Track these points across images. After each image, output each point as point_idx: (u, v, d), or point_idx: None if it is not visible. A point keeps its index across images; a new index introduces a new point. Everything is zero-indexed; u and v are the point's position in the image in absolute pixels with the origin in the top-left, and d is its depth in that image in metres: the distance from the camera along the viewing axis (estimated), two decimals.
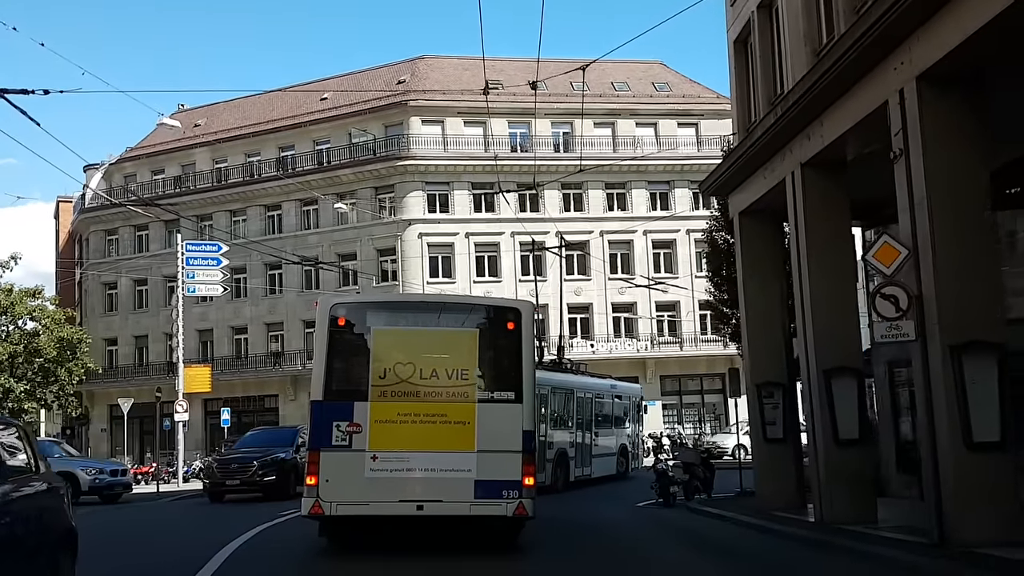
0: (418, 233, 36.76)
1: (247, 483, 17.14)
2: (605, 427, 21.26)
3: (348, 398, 8.48)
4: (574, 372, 20.75)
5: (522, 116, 38.90)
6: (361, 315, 9.05)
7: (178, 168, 42.86)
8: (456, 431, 8.37)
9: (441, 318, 9.14)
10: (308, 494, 8.34)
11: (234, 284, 40.60)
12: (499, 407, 8.46)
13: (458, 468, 8.29)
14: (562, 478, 18.29)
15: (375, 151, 37.57)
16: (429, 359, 8.56)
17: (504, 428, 8.38)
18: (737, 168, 12.22)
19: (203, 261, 22.97)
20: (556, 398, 18.76)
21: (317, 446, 8.44)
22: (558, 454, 18.24)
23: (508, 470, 8.27)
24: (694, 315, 38.57)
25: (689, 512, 14.64)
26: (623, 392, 23.24)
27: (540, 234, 37.77)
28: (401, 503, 8.26)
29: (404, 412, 8.41)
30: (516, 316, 8.79)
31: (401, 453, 8.34)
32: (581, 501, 16.49)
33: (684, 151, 39.49)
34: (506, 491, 8.24)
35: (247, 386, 39.54)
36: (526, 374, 8.64)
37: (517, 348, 8.66)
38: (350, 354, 8.89)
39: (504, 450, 8.32)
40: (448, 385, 8.48)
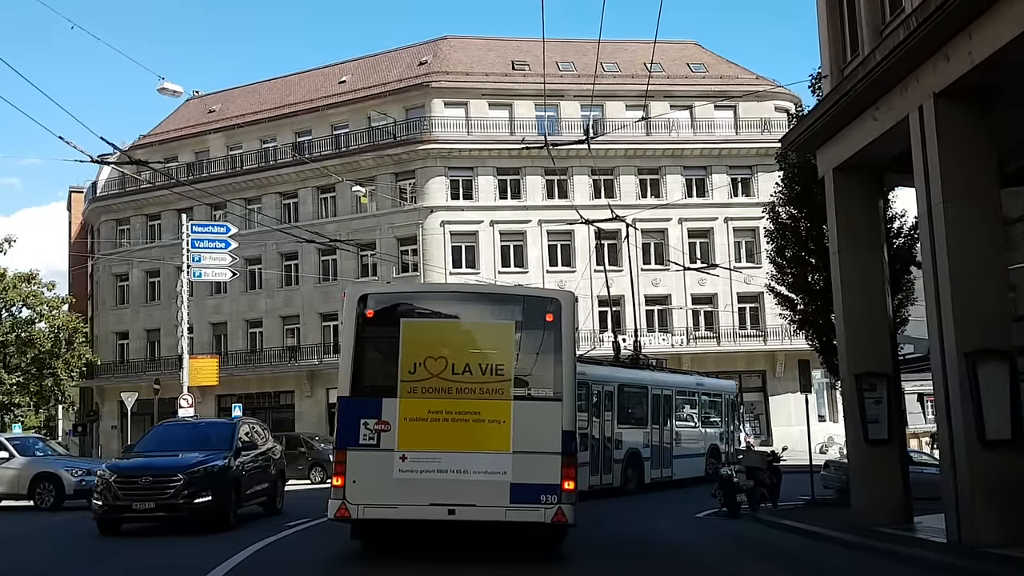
0: (440, 221, 34.87)
1: (167, 507, 10.54)
2: (690, 426, 20.16)
3: (376, 394, 8.09)
4: (651, 368, 19.65)
5: (549, 98, 36.87)
6: (391, 306, 8.63)
7: (191, 155, 41.29)
8: (490, 430, 7.95)
9: (475, 310, 8.70)
10: (334, 495, 7.99)
11: (248, 275, 38.99)
12: (537, 405, 8.02)
13: (492, 470, 7.88)
14: (634, 479, 17.33)
15: (395, 135, 35.68)
16: (462, 353, 8.16)
17: (542, 428, 7.93)
18: (835, 113, 10.16)
19: (210, 243, 21.16)
20: (625, 395, 17.74)
21: (344, 445, 8.07)
22: (628, 454, 17.15)
23: (546, 473, 7.84)
24: (732, 308, 36.47)
25: (760, 524, 12.70)
26: (713, 389, 21.84)
27: (568, 222, 35.88)
28: (432, 507, 7.87)
29: (435, 409, 8.00)
30: (555, 307, 8.26)
31: (432, 453, 7.92)
32: (648, 505, 15.22)
33: (721, 134, 37.34)
34: (544, 496, 7.81)
35: (262, 382, 37.86)
36: (566, 370, 8.16)
37: (557, 342, 8.19)
38: (379, 347, 8.47)
39: (542, 451, 7.88)
40: (482, 381, 8.04)
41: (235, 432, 11.96)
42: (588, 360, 17.64)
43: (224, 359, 38.22)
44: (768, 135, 37.58)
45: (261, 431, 13.43)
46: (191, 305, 39.87)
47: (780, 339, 35.91)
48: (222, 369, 37.72)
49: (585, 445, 15.51)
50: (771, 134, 37.55)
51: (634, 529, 12.12)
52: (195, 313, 39.60)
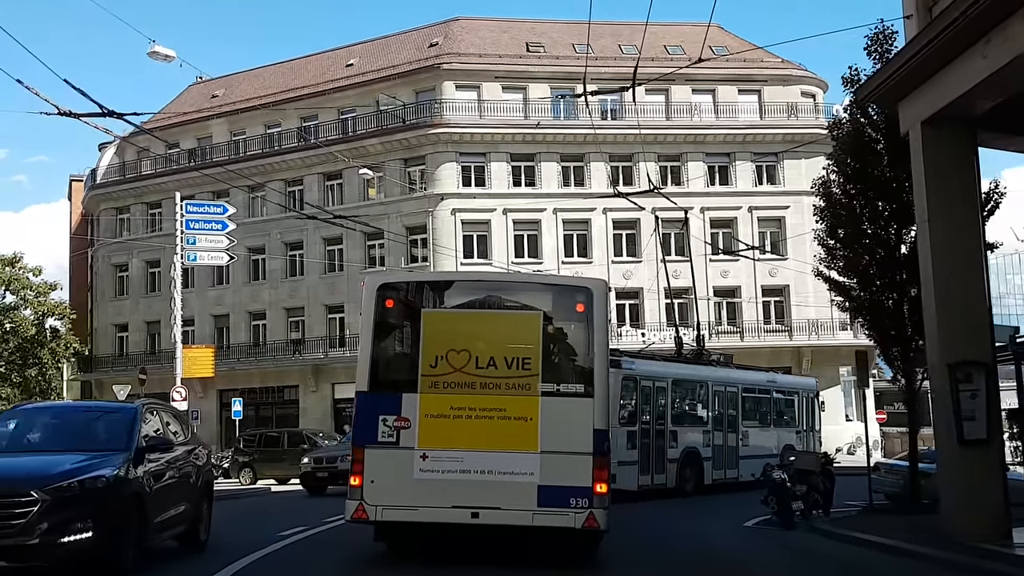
0: (451, 209, 33.35)
1: (21, 551, 6.31)
2: (760, 425, 19.06)
3: (396, 389, 7.73)
4: (715, 363, 18.77)
5: (565, 81, 35.33)
6: (412, 295, 8.32)
7: (194, 140, 39.90)
8: (517, 428, 7.52)
9: (501, 299, 8.27)
10: (351, 496, 7.61)
11: (252, 265, 37.60)
12: (566, 401, 7.59)
13: (519, 471, 7.46)
14: (692, 480, 16.46)
15: (404, 119, 34.19)
16: (487, 346, 7.72)
17: (572, 426, 7.51)
18: (930, 53, 8.58)
19: (206, 224, 19.68)
20: (681, 391, 17.05)
21: (362, 442, 7.71)
22: (685, 454, 16.28)
23: (576, 475, 7.40)
24: (756, 301, 34.87)
25: (820, 535, 11.18)
26: (788, 386, 20.72)
27: (585, 211, 34.38)
28: (454, 509, 7.49)
29: (458, 406, 7.60)
30: (587, 297, 7.81)
31: (454, 452, 7.53)
32: (701, 508, 14.20)
33: (745, 119, 35.73)
34: (574, 499, 7.37)
35: (265, 376, 36.43)
36: (598, 364, 7.70)
37: (588, 334, 7.76)
38: (398, 339, 8.20)
39: (572, 452, 7.44)
40: (508, 376, 7.60)
41: (135, 423, 7.62)
42: (637, 355, 16.83)
43: (226, 352, 36.92)
44: (795, 120, 36.06)
45: (178, 423, 9.13)
46: (192, 296, 38.94)
47: (806, 334, 34.39)
48: (223, 363, 36.52)
49: (633, 443, 14.86)
50: (797, 119, 36.04)
51: (677, 535, 11.05)
52: (196, 304, 38.38)
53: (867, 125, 14.30)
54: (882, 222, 14.22)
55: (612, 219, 34.26)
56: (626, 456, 14.59)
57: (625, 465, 14.45)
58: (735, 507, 13.18)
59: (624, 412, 14.95)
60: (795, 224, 35.40)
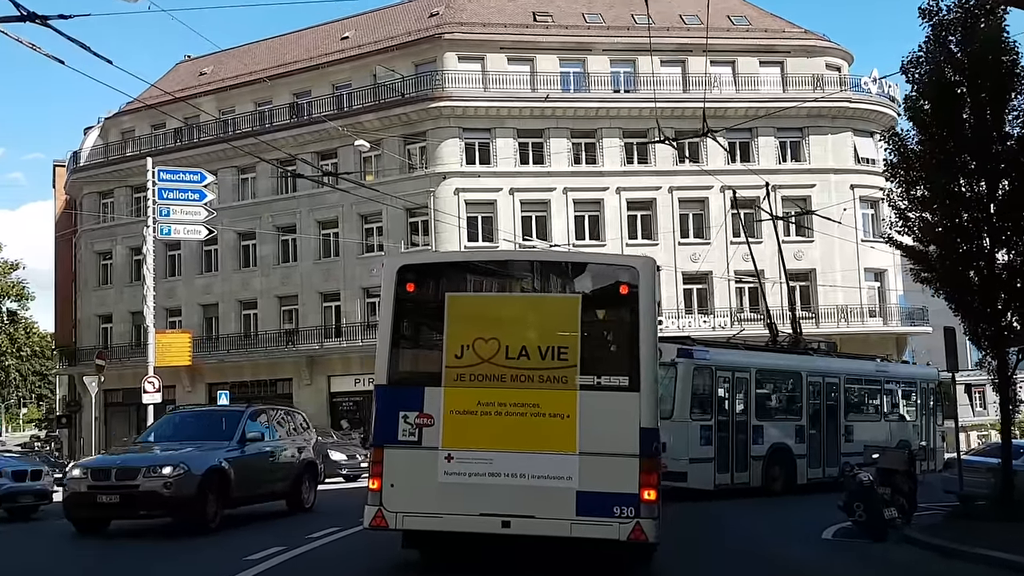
0: (454, 189, 31.12)
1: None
2: (868, 419, 17.44)
3: (418, 382, 7.13)
4: (812, 352, 17.34)
5: (575, 52, 33.14)
6: (434, 277, 7.61)
7: (180, 119, 37.62)
8: (552, 427, 6.80)
9: (534, 280, 7.59)
10: (370, 501, 6.98)
11: (242, 251, 35.44)
12: (608, 396, 6.82)
13: (555, 475, 6.72)
14: (782, 479, 15.12)
15: (403, 93, 31.93)
16: (518, 333, 7.05)
17: (615, 424, 6.74)
18: None
19: (181, 194, 17.49)
20: (767, 382, 15.74)
21: (381, 441, 7.09)
22: (773, 451, 14.95)
23: (621, 479, 6.61)
24: (780, 287, 32.64)
25: (918, 549, 9.04)
26: (903, 376, 19.02)
27: (597, 190, 32.22)
28: (482, 517, 6.80)
29: (486, 401, 6.94)
30: (632, 277, 7.04)
31: (482, 453, 6.86)
32: (784, 510, 12.83)
33: (767, 92, 33.49)
34: (618, 507, 6.57)
35: (256, 368, 34.27)
36: (645, 353, 6.89)
37: (633, 319, 6.97)
38: (421, 327, 7.64)
39: (615, 453, 6.69)
40: (542, 367, 6.89)
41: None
42: (712, 343, 15.92)
43: (215, 344, 34.84)
44: (821, 93, 33.81)
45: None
46: (178, 285, 36.83)
47: (835, 321, 32.23)
48: (213, 355, 34.50)
49: (708, 439, 13.84)
50: (823, 92, 33.80)
51: (744, 541, 9.76)
52: (183, 293, 36.27)
53: (948, 63, 12.15)
54: (964, 179, 12.12)
55: (626, 199, 32.08)
56: (700, 453, 13.62)
57: (699, 462, 13.54)
58: (827, 510, 11.21)
59: (697, 405, 13.92)
60: (821, 204, 33.20)
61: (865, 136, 34.45)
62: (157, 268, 36.82)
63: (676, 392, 13.56)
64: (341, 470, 22.17)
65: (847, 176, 33.89)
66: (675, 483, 13.05)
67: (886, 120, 35.27)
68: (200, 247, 36.09)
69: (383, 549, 7.74)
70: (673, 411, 13.35)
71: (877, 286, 34.19)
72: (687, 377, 13.58)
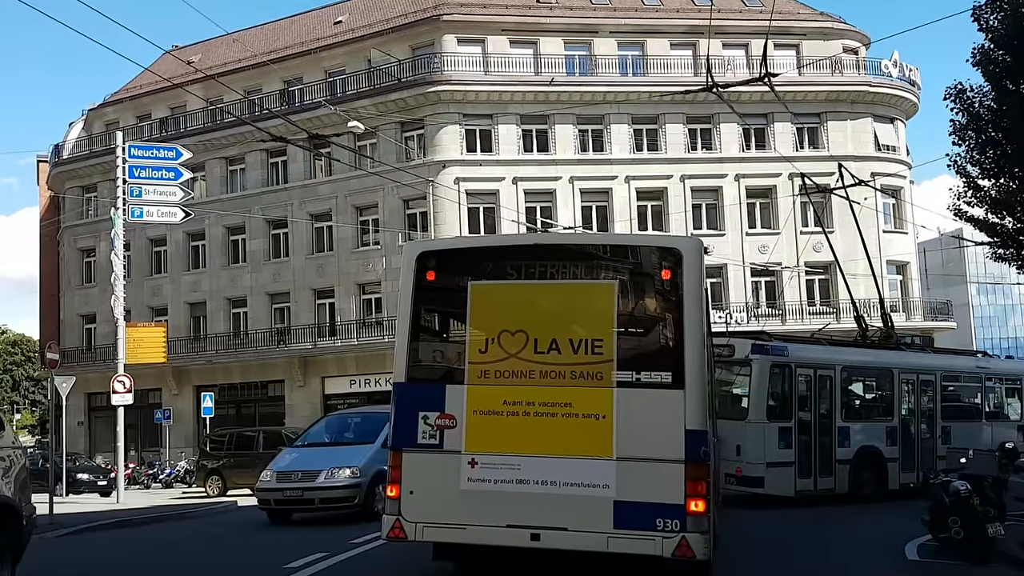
0: (454, 178, 29.40)
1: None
2: (968, 419, 16.05)
3: (438, 379, 6.61)
4: (904, 347, 16.01)
5: (581, 34, 31.48)
6: (456, 265, 6.92)
7: (166, 110, 36.01)
8: (586, 428, 6.18)
9: (565, 266, 6.68)
10: (388, 510, 6.48)
11: (231, 246, 33.75)
12: (649, 394, 6.15)
13: (589, 482, 6.11)
14: (871, 485, 13.90)
15: (400, 77, 30.24)
16: (548, 325, 6.45)
17: (657, 425, 6.07)
18: None
19: (154, 172, 15.78)
20: (854, 380, 14.73)
21: (399, 445, 6.56)
22: (861, 454, 13.77)
23: (664, 488, 5.95)
24: (799, 280, 31.01)
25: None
26: (1006, 373, 17.54)
27: (605, 179, 30.56)
28: (509, 529, 6.23)
29: (513, 400, 6.35)
30: (674, 261, 6.28)
31: (509, 457, 6.28)
32: (871, 519, 11.51)
33: (782, 77, 31.72)
34: (661, 520, 5.92)
35: (246, 370, 32.55)
36: (690, 345, 6.14)
37: (676, 307, 6.25)
38: (442, 319, 7.08)
39: (657, 458, 6.01)
40: (575, 362, 6.28)
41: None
42: (790, 337, 15.00)
43: (203, 344, 33.15)
44: (839, 76, 32.23)
45: None
46: (164, 282, 35.10)
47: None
48: (200, 355, 32.80)
49: (787, 442, 12.79)
50: (842, 75, 32.22)
51: (820, 559, 8.52)
52: (169, 291, 34.57)
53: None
54: None
55: (636, 188, 30.43)
56: (779, 457, 12.68)
57: (777, 467, 12.62)
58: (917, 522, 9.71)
59: (774, 405, 12.97)
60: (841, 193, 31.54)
61: (886, 122, 32.83)
62: (142, 265, 35.55)
63: (751, 391, 12.77)
64: None
65: (867, 163, 32.12)
66: (751, 489, 12.42)
67: (907, 105, 33.67)
68: (187, 242, 34.49)
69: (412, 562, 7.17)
70: (748, 412, 12.62)
71: (899, 279, 32.55)
72: (763, 375, 12.67)
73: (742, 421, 12.43)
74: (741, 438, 12.34)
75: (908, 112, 33.90)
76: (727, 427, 12.34)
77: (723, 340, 13.11)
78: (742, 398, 12.98)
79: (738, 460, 12.33)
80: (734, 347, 12.95)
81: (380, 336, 29.82)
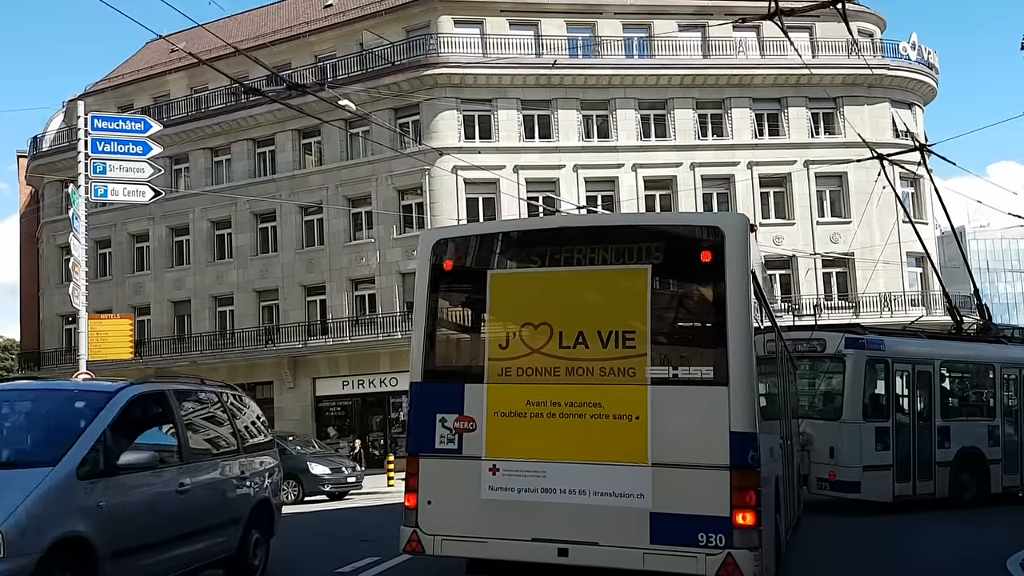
0: (452, 166, 27.74)
1: None
2: None
3: (456, 378, 6.18)
4: (1005, 340, 15.05)
5: (584, 15, 29.93)
6: (475, 252, 6.46)
7: (149, 99, 34.39)
8: (618, 431, 5.65)
9: (592, 251, 6.09)
10: (405, 521, 6.06)
11: (216, 241, 32.12)
12: (688, 392, 5.62)
13: (622, 491, 5.60)
14: (973, 489, 12.98)
15: (394, 61, 28.63)
16: (574, 316, 5.96)
17: (697, 427, 5.55)
18: None
19: (120, 146, 14.24)
20: (954, 377, 13.97)
21: (416, 449, 6.14)
22: (961, 456, 12.82)
23: (707, 498, 5.41)
24: (814, 275, 29.53)
25: None
26: None
27: (610, 167, 29.01)
28: (534, 543, 5.75)
29: (536, 400, 5.86)
30: (715, 240, 5.66)
31: (533, 464, 5.81)
32: (975, 529, 10.58)
33: (796, 59, 30.24)
34: (703, 534, 5.39)
35: (233, 371, 30.75)
36: (735, 336, 5.53)
37: (718, 293, 5.65)
38: (460, 312, 6.72)
39: (698, 464, 5.49)
40: (604, 357, 5.76)
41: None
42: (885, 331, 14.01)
43: (188, 344, 31.51)
44: (855, 59, 30.63)
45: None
46: (147, 280, 33.45)
47: (877, 310, 29.06)
48: (184, 355, 31.13)
49: (885, 443, 11.83)
50: (859, 57, 30.62)
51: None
52: (152, 289, 32.92)
53: None
54: None
55: (643, 177, 28.89)
56: (876, 459, 11.84)
57: (874, 470, 11.79)
58: None
59: (871, 404, 12.09)
60: (857, 181, 30.07)
61: (904, 107, 31.34)
62: (123, 261, 33.87)
63: (845, 389, 11.88)
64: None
65: (885, 151, 30.66)
66: (846, 494, 11.71)
67: (925, 90, 32.20)
68: (170, 237, 32.90)
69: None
70: (842, 411, 11.82)
71: (919, 272, 31.04)
72: (858, 371, 11.81)
73: (836, 421, 11.70)
74: (835, 440, 11.64)
75: (926, 97, 32.44)
76: (819, 428, 11.64)
77: (808, 334, 12.53)
78: (835, 396, 12.15)
79: (832, 464, 11.61)
80: (825, 341, 12.23)
81: (374, 335, 28.24)
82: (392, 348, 27.82)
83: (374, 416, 29.53)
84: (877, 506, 11.68)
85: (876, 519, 11.20)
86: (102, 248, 34.44)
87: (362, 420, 29.30)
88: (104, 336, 15.13)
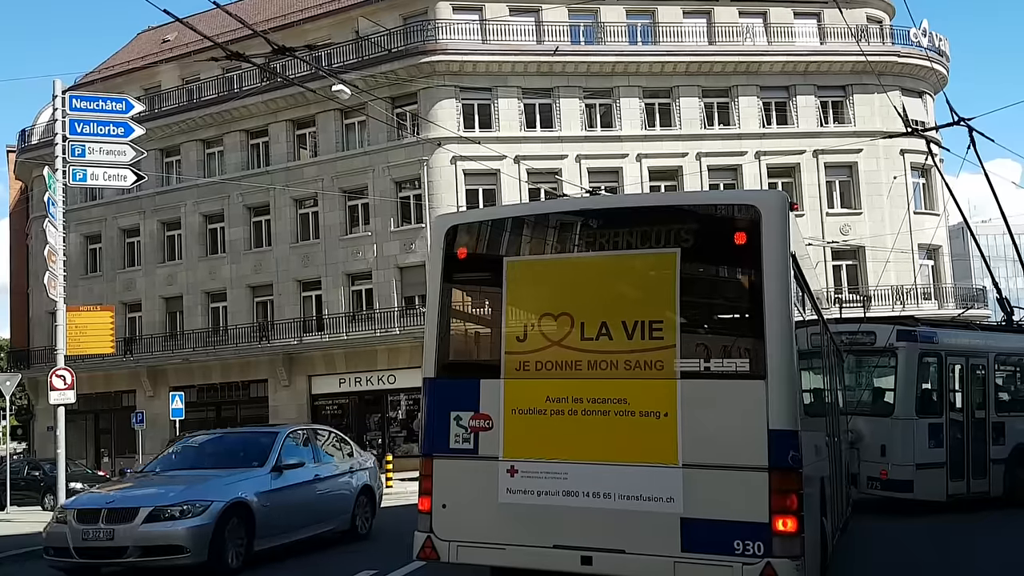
0: (451, 157, 27.01)
1: None
2: None
3: (472, 374, 5.84)
4: None
5: (586, 0, 29.09)
6: (490, 239, 6.10)
7: (140, 91, 33.43)
8: (645, 429, 5.27)
9: (616, 234, 5.68)
10: (420, 526, 5.76)
11: (208, 235, 31.28)
12: (721, 387, 5.20)
13: (651, 495, 5.23)
14: None
15: (390, 48, 27.78)
16: (596, 306, 5.57)
17: (732, 424, 5.12)
18: None
19: (100, 127, 13.42)
20: (1008, 370, 13.13)
21: (429, 450, 5.83)
22: (1017, 452, 12.13)
23: (743, 503, 5.01)
24: (826, 269, 28.72)
25: None
26: None
27: (614, 157, 28.20)
28: (555, 550, 5.40)
29: (557, 396, 5.51)
30: (751, 220, 5.19)
31: (554, 465, 5.48)
32: None
33: (804, 45, 29.52)
34: (740, 542, 4.98)
35: (227, 369, 30.08)
36: (774, 325, 5.08)
37: (755, 278, 5.19)
38: (475, 303, 6.34)
39: (733, 465, 5.08)
40: (629, 349, 5.36)
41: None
42: (937, 322, 13.63)
43: (180, 341, 30.69)
44: (865, 46, 29.82)
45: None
46: (137, 276, 32.59)
47: (889, 304, 28.27)
48: (176, 353, 30.32)
49: (938, 441, 11.23)
50: (869, 45, 29.87)
51: None
52: (143, 285, 32.08)
53: None
54: None
55: (648, 167, 28.08)
56: (930, 457, 11.24)
57: (928, 468, 11.20)
58: None
59: (924, 399, 11.47)
60: (868, 171, 29.36)
61: (914, 96, 30.51)
62: (113, 257, 33.01)
63: (898, 384, 11.31)
64: None
65: (896, 140, 29.86)
66: (899, 494, 11.15)
67: (936, 78, 31.39)
68: (161, 231, 32.06)
69: None
70: (895, 407, 11.26)
71: (931, 264, 30.29)
72: (911, 365, 11.24)
73: (888, 418, 11.16)
74: (887, 437, 11.07)
75: (937, 85, 31.63)
76: (869, 424, 11.20)
77: (855, 326, 11.99)
78: (886, 392, 11.60)
79: (883, 462, 11.05)
80: (875, 334, 11.70)
81: (371, 331, 27.45)
82: (390, 345, 27.02)
83: (372, 415, 28.73)
84: (930, 506, 11.15)
85: (930, 519, 10.69)
86: (92, 243, 33.62)
87: (359, 419, 28.50)
88: (83, 329, 14.26)
